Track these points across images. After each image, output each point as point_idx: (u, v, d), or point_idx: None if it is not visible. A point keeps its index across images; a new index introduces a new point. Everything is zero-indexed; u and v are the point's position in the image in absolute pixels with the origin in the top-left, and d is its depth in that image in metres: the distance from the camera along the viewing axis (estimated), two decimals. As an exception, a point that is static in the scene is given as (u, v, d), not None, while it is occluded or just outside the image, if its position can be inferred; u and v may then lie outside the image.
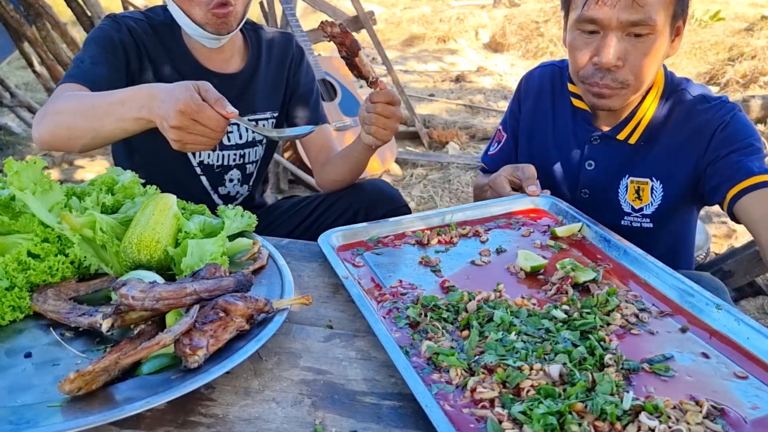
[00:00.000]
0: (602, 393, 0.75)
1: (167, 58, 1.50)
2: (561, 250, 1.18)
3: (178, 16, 1.43)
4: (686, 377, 0.81)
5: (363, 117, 1.38)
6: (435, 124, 4.83)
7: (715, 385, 0.80)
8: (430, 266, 1.13)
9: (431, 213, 1.31)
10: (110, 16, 1.48)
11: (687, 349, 0.87)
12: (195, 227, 1.07)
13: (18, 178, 1.01)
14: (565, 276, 1.03)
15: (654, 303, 0.99)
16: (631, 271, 1.08)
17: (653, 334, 0.91)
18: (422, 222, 1.28)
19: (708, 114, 1.32)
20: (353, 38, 1.22)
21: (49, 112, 1.24)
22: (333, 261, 1.11)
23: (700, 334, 0.91)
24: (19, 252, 0.97)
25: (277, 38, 1.67)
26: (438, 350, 0.85)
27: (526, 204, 1.34)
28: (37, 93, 5.50)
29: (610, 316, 0.94)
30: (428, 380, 0.81)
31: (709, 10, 7.79)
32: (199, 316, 0.83)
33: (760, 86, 5.35)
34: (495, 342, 0.86)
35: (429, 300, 0.98)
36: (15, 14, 3.61)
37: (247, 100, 1.59)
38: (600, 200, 1.43)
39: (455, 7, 9.52)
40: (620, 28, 1.19)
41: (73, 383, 0.73)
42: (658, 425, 0.70)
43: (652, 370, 0.82)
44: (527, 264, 1.09)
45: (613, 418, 0.71)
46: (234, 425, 0.76)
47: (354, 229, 1.23)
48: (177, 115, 1.02)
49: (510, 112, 1.61)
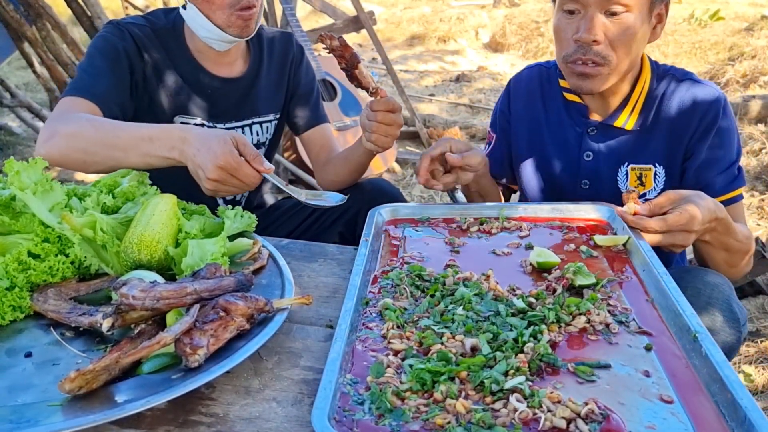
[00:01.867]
0: (496, 371, 0.79)
1: (171, 63, 1.49)
2: (590, 257, 1.14)
3: (196, 18, 1.42)
4: (605, 385, 0.80)
5: (364, 124, 1.38)
6: (435, 124, 4.83)
7: (628, 399, 0.77)
8: (452, 247, 1.19)
9: (490, 204, 1.36)
10: (112, 23, 1.47)
11: (634, 364, 0.84)
12: (195, 227, 1.08)
13: (19, 178, 1.01)
14: (561, 276, 1.03)
15: (641, 320, 0.94)
16: (644, 287, 1.04)
17: (611, 344, 0.88)
18: (476, 210, 1.34)
19: (699, 98, 1.37)
20: (353, 51, 1.23)
21: (60, 133, 1.21)
22: (368, 222, 1.25)
23: (661, 355, 0.86)
24: (19, 252, 0.97)
25: (278, 38, 1.66)
26: (387, 305, 0.96)
27: (589, 213, 1.31)
28: (38, 93, 5.50)
29: (575, 318, 0.93)
30: (363, 326, 0.93)
31: (708, 9, 7.79)
32: (199, 316, 0.83)
33: (760, 86, 5.34)
34: (438, 311, 0.95)
35: (415, 269, 1.07)
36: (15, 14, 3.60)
37: (251, 103, 1.59)
38: (601, 190, 1.46)
39: (455, 7, 9.52)
40: (598, 6, 1.26)
41: (74, 382, 0.73)
42: (523, 407, 0.73)
43: (575, 371, 0.82)
44: (537, 259, 1.09)
45: (486, 391, 0.77)
46: (234, 424, 0.76)
47: (410, 207, 1.35)
48: (215, 169, 1.06)
49: (499, 113, 1.62)
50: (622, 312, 0.96)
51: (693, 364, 0.83)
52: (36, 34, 3.65)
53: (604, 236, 1.20)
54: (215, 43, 1.46)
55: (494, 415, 0.73)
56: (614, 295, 1.01)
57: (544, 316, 0.92)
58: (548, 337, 0.87)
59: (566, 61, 1.34)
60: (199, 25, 1.43)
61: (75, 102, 1.32)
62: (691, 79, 1.41)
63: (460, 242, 1.21)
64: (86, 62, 1.40)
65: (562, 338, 0.89)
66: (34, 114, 4.26)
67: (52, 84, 3.97)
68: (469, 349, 0.85)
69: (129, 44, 1.43)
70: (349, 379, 0.81)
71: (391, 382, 0.79)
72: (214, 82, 1.53)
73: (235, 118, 1.58)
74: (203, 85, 1.52)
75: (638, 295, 1.02)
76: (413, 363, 0.82)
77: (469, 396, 0.77)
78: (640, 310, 0.98)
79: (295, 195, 1.18)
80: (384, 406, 0.75)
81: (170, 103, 1.50)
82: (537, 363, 0.82)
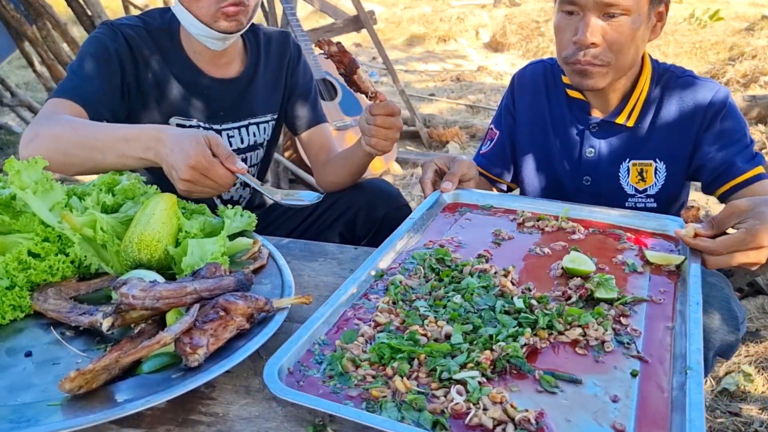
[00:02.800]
0: (454, 361, 0.80)
1: (165, 64, 1.47)
2: (634, 272, 1.07)
3: (183, 16, 1.41)
4: (562, 400, 0.77)
5: (363, 128, 1.38)
6: (435, 124, 4.83)
7: (577, 418, 0.73)
8: (496, 238, 1.20)
9: (553, 201, 1.34)
10: (106, 24, 1.46)
11: (608, 386, 0.79)
12: (195, 227, 1.08)
13: (19, 178, 1.01)
14: (582, 285, 0.99)
15: (647, 345, 0.88)
16: (673, 313, 0.96)
17: (596, 362, 0.84)
18: (540, 206, 1.33)
19: (701, 92, 1.39)
20: (351, 57, 1.23)
21: (42, 135, 1.21)
22: (427, 201, 1.31)
23: (644, 383, 0.81)
24: (19, 251, 0.97)
25: (275, 37, 1.65)
26: (395, 281, 1.01)
27: (653, 225, 1.23)
28: (38, 92, 5.50)
29: (571, 329, 0.89)
30: (364, 296, 0.99)
31: (709, 9, 7.79)
32: (199, 315, 0.83)
33: (761, 86, 5.34)
34: (437, 295, 0.97)
35: (440, 252, 1.10)
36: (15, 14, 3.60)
37: (248, 103, 1.58)
38: (602, 186, 1.47)
39: (456, 6, 9.52)
40: (596, 9, 1.26)
41: (74, 382, 0.73)
42: (460, 399, 0.74)
43: (539, 379, 0.80)
44: (568, 264, 1.05)
45: (435, 377, 0.78)
46: (234, 424, 0.76)
47: (475, 193, 1.38)
48: (187, 169, 1.05)
49: (504, 109, 1.62)
50: (628, 333, 0.90)
51: (672, 397, 0.77)
52: (36, 34, 3.65)
53: (656, 253, 1.10)
54: (208, 41, 1.44)
55: (429, 401, 0.75)
56: (633, 315, 0.95)
57: (536, 320, 0.90)
58: (524, 341, 0.85)
59: (566, 62, 1.35)
60: (188, 23, 1.42)
61: (61, 104, 1.31)
62: (691, 76, 1.42)
63: (507, 235, 1.21)
64: (76, 64, 1.39)
65: (547, 345, 0.87)
66: (35, 113, 4.26)
67: (52, 83, 3.97)
68: (443, 335, 0.86)
69: (121, 46, 1.41)
70: (321, 340, 0.87)
71: (353, 350, 0.83)
72: (211, 83, 1.52)
73: (232, 119, 1.57)
74: (199, 86, 1.51)
75: (661, 321, 0.94)
76: (383, 338, 0.85)
77: (419, 379, 0.79)
78: (652, 335, 0.90)
79: (269, 195, 1.17)
80: (336, 369, 0.80)
81: (166, 105, 1.49)
82: (503, 363, 0.81)
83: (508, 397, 0.75)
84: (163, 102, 1.48)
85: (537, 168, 1.56)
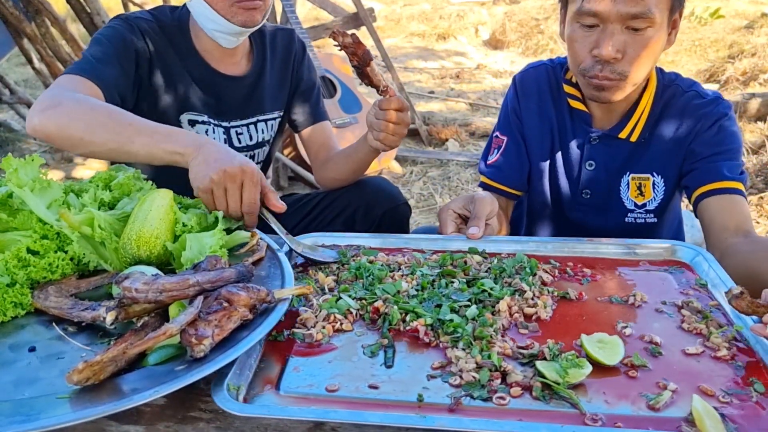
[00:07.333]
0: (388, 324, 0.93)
1: (178, 60, 1.48)
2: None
3: (201, 10, 1.41)
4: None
5: (371, 123, 1.36)
6: (435, 122, 4.83)
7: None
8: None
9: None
10: (120, 17, 1.45)
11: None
12: (192, 221, 1.07)
13: (16, 175, 1.01)
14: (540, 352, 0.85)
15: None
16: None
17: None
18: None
19: (704, 109, 1.35)
20: (365, 48, 1.21)
21: (64, 104, 1.17)
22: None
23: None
24: (19, 249, 0.96)
25: (280, 35, 1.66)
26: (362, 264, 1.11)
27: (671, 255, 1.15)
28: (37, 90, 5.50)
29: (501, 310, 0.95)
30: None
31: (709, 7, 7.78)
32: (203, 307, 0.83)
33: (760, 84, 5.35)
34: (412, 277, 1.06)
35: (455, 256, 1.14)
36: (14, 11, 3.60)
37: (256, 101, 1.59)
38: (602, 200, 1.43)
39: (455, 4, 9.51)
40: (619, 21, 1.20)
41: (82, 373, 0.72)
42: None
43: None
44: (589, 348, 0.83)
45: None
46: (234, 420, 0.76)
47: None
48: (229, 171, 1.09)
49: (511, 112, 1.52)
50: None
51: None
52: (35, 31, 3.65)
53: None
54: (222, 37, 1.45)
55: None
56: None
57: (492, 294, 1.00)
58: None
59: (583, 75, 1.29)
60: (205, 17, 1.42)
61: (77, 80, 1.28)
62: (696, 91, 1.38)
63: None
64: (93, 48, 1.37)
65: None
66: (34, 111, 4.25)
67: (51, 80, 3.97)
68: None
69: (138, 39, 1.41)
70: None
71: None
72: (221, 80, 1.52)
73: (241, 116, 1.57)
74: (210, 82, 1.52)
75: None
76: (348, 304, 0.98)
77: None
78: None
79: (292, 245, 1.15)
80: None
81: (178, 100, 1.49)
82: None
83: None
84: (175, 97, 1.49)
85: (541, 177, 1.49)
